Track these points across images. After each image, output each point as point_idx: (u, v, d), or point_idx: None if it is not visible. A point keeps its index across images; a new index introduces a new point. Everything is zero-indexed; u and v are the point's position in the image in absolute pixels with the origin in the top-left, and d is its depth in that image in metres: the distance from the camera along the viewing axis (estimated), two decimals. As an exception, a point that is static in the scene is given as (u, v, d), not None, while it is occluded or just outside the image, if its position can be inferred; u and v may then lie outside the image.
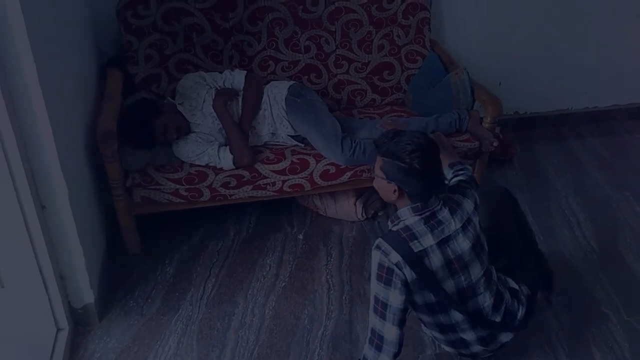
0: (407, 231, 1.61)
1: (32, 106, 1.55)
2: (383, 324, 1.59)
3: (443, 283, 1.63)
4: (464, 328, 1.74)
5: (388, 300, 1.57)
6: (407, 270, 1.57)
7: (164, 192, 2.21)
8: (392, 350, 1.59)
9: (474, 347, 1.80)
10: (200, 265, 2.29)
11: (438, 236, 1.62)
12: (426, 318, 1.77)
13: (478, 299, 1.71)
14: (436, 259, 1.61)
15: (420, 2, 2.72)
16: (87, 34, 2.34)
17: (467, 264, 1.66)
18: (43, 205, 1.71)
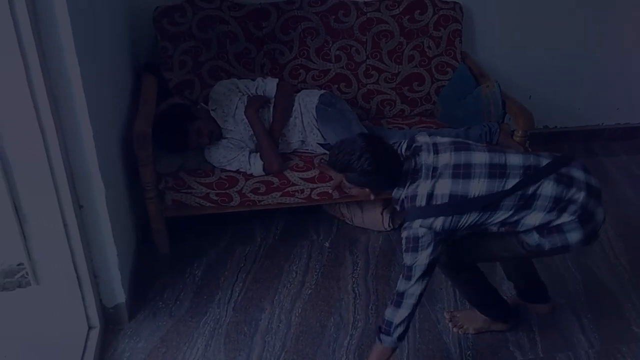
0: (425, 200, 1.62)
1: (75, 110, 1.59)
2: (407, 283, 1.65)
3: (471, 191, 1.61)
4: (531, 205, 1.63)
5: (424, 259, 1.62)
6: (448, 221, 1.60)
7: (195, 196, 2.24)
8: (411, 302, 1.65)
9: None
10: (228, 270, 2.31)
11: (447, 174, 1.62)
12: (494, 228, 1.70)
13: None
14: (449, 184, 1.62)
15: (452, 14, 2.73)
16: (124, 40, 2.40)
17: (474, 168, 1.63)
18: (81, 205, 1.75)
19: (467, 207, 1.61)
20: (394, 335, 1.69)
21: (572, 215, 1.63)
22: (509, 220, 1.65)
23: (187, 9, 2.52)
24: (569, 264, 2.41)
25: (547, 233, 1.65)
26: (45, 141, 1.57)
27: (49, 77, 1.53)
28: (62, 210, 1.69)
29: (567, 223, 1.63)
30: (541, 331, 2.09)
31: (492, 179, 1.61)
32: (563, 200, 1.62)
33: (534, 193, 1.62)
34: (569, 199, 1.63)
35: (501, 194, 1.60)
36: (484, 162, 1.63)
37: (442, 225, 1.61)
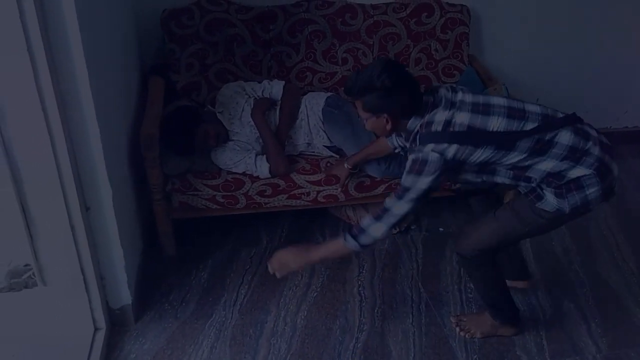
0: (442, 125, 1.59)
1: (83, 113, 1.60)
2: (397, 202, 1.64)
3: (490, 125, 1.59)
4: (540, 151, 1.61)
5: (424, 185, 1.60)
6: (462, 151, 1.58)
7: (201, 198, 2.24)
8: (391, 221, 1.65)
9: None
10: (234, 272, 2.31)
11: (466, 108, 1.60)
12: (504, 171, 1.67)
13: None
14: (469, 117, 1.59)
15: (459, 17, 2.73)
16: (131, 42, 2.41)
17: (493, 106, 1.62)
18: (88, 207, 1.76)
19: (483, 139, 1.58)
20: (359, 241, 1.71)
21: (589, 168, 1.59)
22: (520, 164, 1.62)
23: (195, 11, 2.52)
24: (576, 268, 2.40)
25: (566, 191, 1.61)
26: (53, 143, 1.57)
27: (57, 80, 1.53)
28: (69, 212, 1.70)
29: (587, 177, 1.59)
30: (548, 335, 2.07)
31: (511, 119, 1.59)
32: (579, 151, 1.60)
33: (551, 140, 1.59)
34: (585, 151, 1.60)
35: (520, 133, 1.58)
36: (503, 104, 1.62)
37: (455, 153, 1.57)
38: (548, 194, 1.64)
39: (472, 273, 1.94)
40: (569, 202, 1.62)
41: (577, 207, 1.63)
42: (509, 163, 1.62)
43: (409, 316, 2.13)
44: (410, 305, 2.18)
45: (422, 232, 2.58)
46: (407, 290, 2.24)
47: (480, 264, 1.86)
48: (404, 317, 2.13)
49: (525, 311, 2.16)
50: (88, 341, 1.87)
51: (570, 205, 1.62)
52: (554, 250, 2.50)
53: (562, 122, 1.63)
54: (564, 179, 1.61)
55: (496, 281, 1.92)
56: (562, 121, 1.64)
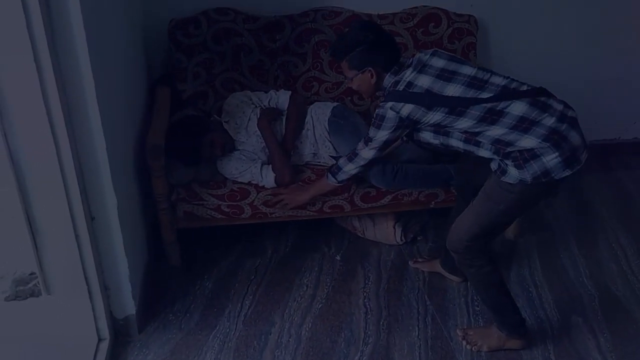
0: (404, 85, 1.77)
1: (89, 122, 1.60)
2: (364, 148, 1.92)
3: (446, 91, 1.73)
4: (488, 119, 1.69)
5: (383, 137, 1.84)
6: (416, 111, 1.74)
7: (206, 208, 2.24)
8: (360, 163, 1.97)
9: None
10: (238, 282, 2.30)
11: (432, 73, 1.76)
12: (457, 134, 1.76)
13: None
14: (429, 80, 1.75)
15: (466, 27, 2.72)
16: (138, 51, 2.42)
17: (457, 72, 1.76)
18: (93, 217, 1.76)
19: (437, 103, 1.72)
20: (338, 178, 2.08)
21: (538, 138, 1.64)
22: (471, 130, 1.72)
23: (202, 21, 2.53)
24: (584, 281, 2.37)
25: (524, 162, 1.66)
26: (59, 153, 1.58)
27: (64, 90, 1.54)
28: (74, 222, 1.70)
29: (539, 147, 1.65)
30: (556, 350, 2.04)
31: (469, 87, 1.72)
32: (528, 121, 1.66)
33: (502, 110, 1.68)
34: (535, 121, 1.66)
35: (471, 100, 1.70)
36: (468, 73, 1.75)
37: (409, 113, 1.75)
38: (510, 167, 1.68)
39: (469, 271, 1.93)
40: (529, 172, 1.66)
41: (538, 176, 1.66)
42: (460, 128, 1.73)
43: (415, 329, 2.11)
44: (417, 317, 2.16)
45: (428, 243, 2.56)
46: (413, 302, 2.22)
47: (473, 258, 1.87)
48: (410, 329, 2.11)
49: (532, 325, 2.13)
50: (92, 351, 1.87)
51: (530, 175, 1.66)
52: (563, 263, 2.47)
53: (520, 94, 1.70)
54: (512, 147, 1.67)
55: (494, 280, 1.92)
56: (522, 93, 1.71)
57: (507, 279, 2.36)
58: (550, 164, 1.65)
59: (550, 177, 1.67)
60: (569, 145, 1.67)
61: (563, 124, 1.68)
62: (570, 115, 1.74)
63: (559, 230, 2.68)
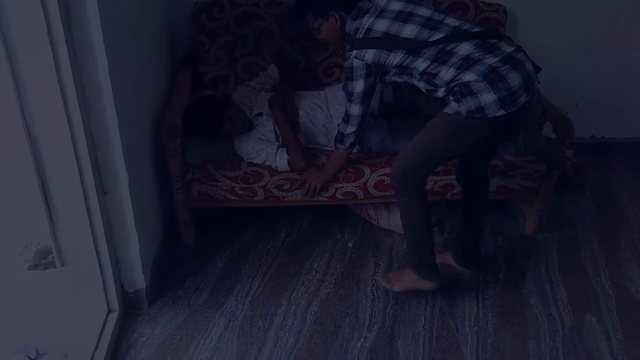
0: (363, 32, 1.87)
1: (102, 100, 1.63)
2: (351, 105, 1.99)
3: (403, 32, 1.82)
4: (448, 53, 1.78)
5: (360, 88, 1.91)
6: (378, 54, 1.84)
7: (220, 189, 2.27)
8: (356, 121, 2.04)
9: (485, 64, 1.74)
10: (249, 263, 2.33)
11: (389, 16, 1.85)
12: (418, 75, 1.85)
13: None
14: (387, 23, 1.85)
15: (495, 16, 2.65)
16: (163, 33, 2.46)
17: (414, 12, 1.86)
18: (105, 192, 1.81)
19: (395, 45, 1.81)
20: (345, 144, 2.13)
21: (476, 74, 1.72)
22: (429, 71, 1.81)
23: (226, 5, 2.55)
24: (603, 280, 2.30)
25: (461, 96, 1.74)
26: (72, 129, 1.62)
27: (77, 66, 1.58)
28: (85, 196, 1.75)
29: (475, 82, 1.72)
30: (566, 349, 2.00)
31: (423, 28, 1.81)
32: (472, 60, 1.74)
33: (451, 50, 1.77)
34: (478, 60, 1.74)
35: (424, 43, 1.79)
36: (424, 14, 1.84)
37: (372, 57, 1.84)
38: (451, 101, 1.79)
39: (400, 199, 2.01)
40: (465, 106, 1.74)
41: (472, 111, 1.74)
42: (420, 69, 1.82)
43: (421, 319, 2.10)
44: (424, 308, 2.15)
45: (443, 235, 2.53)
46: (421, 292, 2.20)
47: (407, 186, 1.95)
48: (416, 319, 2.09)
49: (542, 322, 2.09)
50: (100, 322, 1.93)
51: (465, 108, 1.74)
52: (582, 261, 2.40)
53: (470, 36, 1.79)
54: (455, 82, 1.77)
55: (419, 214, 1.99)
56: (472, 35, 1.80)
57: (522, 273, 2.32)
58: (485, 101, 1.72)
59: (483, 114, 1.73)
60: (506, 85, 1.71)
61: (505, 64, 1.73)
62: (518, 57, 1.77)
63: (582, 228, 2.61)
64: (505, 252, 2.45)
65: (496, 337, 2.03)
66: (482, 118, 1.74)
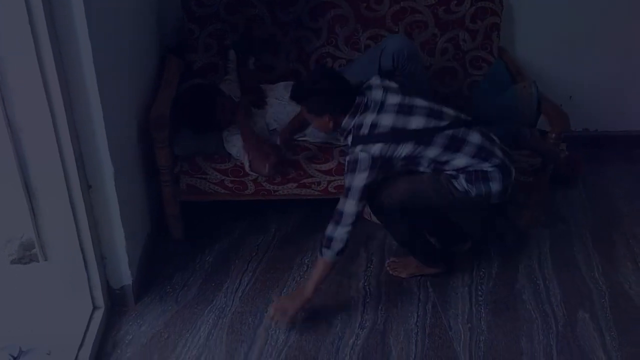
0: (369, 129, 1.82)
1: (86, 91, 1.58)
2: (345, 202, 1.83)
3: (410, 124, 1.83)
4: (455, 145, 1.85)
5: (360, 182, 1.81)
6: (386, 148, 1.80)
7: (209, 182, 2.21)
8: (349, 222, 1.84)
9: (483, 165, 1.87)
10: (239, 258, 2.28)
11: (392, 110, 1.84)
12: (426, 163, 1.88)
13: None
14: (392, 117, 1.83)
15: (491, 6, 2.60)
16: (150, 21, 2.38)
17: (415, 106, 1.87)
18: (90, 185, 1.75)
19: (404, 137, 1.81)
20: (333, 250, 1.87)
21: (494, 166, 1.86)
22: (439, 159, 1.85)
23: (216, -9, 2.48)
24: (596, 276, 2.28)
25: (475, 180, 1.86)
26: (54, 120, 1.56)
27: (60, 57, 1.51)
28: (69, 190, 1.69)
29: (492, 172, 1.86)
30: (559, 346, 1.98)
31: (429, 117, 1.84)
32: (485, 150, 1.86)
33: (463, 138, 1.85)
34: (491, 151, 1.88)
35: (435, 129, 1.82)
36: (424, 105, 1.87)
37: (380, 151, 1.80)
38: (461, 178, 1.87)
39: (387, 225, 2.09)
40: (476, 189, 1.87)
41: (481, 195, 1.88)
42: (429, 157, 1.85)
43: (414, 315, 2.06)
44: (417, 304, 2.11)
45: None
46: (414, 289, 2.17)
47: (392, 221, 2.02)
48: (409, 316, 2.06)
49: (536, 319, 2.07)
50: (85, 319, 1.87)
51: (476, 191, 1.87)
52: (575, 257, 2.38)
53: (472, 123, 1.90)
54: (474, 169, 1.86)
55: (408, 234, 2.07)
56: (473, 122, 1.91)
57: (515, 268, 2.30)
58: (494, 190, 1.88)
59: (488, 201, 1.92)
60: (511, 177, 1.92)
61: (506, 157, 1.92)
62: (506, 149, 1.96)
63: (575, 224, 2.58)
64: (498, 247, 2.42)
65: (489, 335, 2.00)
66: (483, 201, 1.91)
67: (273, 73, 2.59)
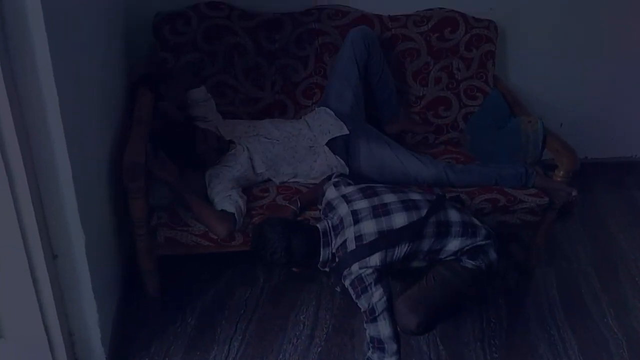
0: (354, 242, 1.65)
1: (51, 145, 1.31)
2: (376, 325, 1.64)
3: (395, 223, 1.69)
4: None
5: (381, 297, 1.63)
6: (383, 255, 1.64)
7: (192, 234, 1.95)
8: (394, 347, 1.65)
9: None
10: (226, 318, 2.03)
11: (368, 216, 1.68)
12: (421, 256, 1.75)
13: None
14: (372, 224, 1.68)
15: (485, 33, 2.46)
16: (118, 49, 2.11)
17: (390, 210, 1.71)
18: (55, 255, 1.47)
19: (396, 238, 1.66)
20: None
21: (485, 238, 1.78)
22: (434, 248, 1.72)
23: (192, 16, 2.24)
24: (609, 322, 2.15)
25: (476, 255, 1.76)
26: (12, 181, 1.28)
27: (19, 105, 1.24)
28: (30, 261, 1.41)
29: (487, 245, 1.78)
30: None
31: (409, 211, 1.71)
32: (470, 225, 1.76)
33: (446, 220, 1.73)
34: (473, 224, 1.78)
35: (421, 221, 1.69)
36: (396, 200, 1.73)
37: (380, 260, 1.63)
38: (465, 260, 1.76)
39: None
40: (483, 262, 1.77)
41: (488, 265, 1.79)
42: (425, 250, 1.72)
43: (425, 378, 1.87)
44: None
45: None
46: (423, 347, 1.97)
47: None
48: (421, 379, 1.86)
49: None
50: (50, 409, 1.58)
51: (484, 263, 1.77)
52: (585, 301, 2.25)
53: (443, 201, 1.80)
54: (470, 246, 1.75)
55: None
56: (443, 200, 1.81)
57: (526, 316, 2.15)
58: (493, 258, 1.79)
59: (493, 268, 1.81)
60: (497, 241, 1.84)
61: (482, 222, 1.85)
62: (471, 216, 1.86)
63: (577, 261, 2.47)
64: (505, 290, 2.26)
65: (509, 396, 1.83)
66: (489, 272, 1.81)
67: (257, 105, 2.36)
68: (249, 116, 2.34)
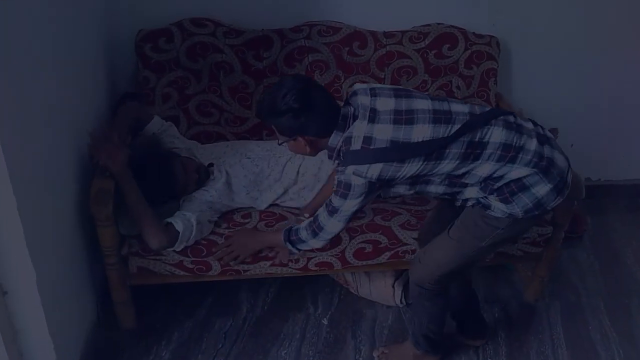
0: (361, 142, 1.44)
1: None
2: (330, 220, 1.58)
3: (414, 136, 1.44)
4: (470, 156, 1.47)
5: (352, 207, 1.54)
6: (386, 169, 1.44)
7: (165, 263, 1.85)
8: (326, 238, 1.63)
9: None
10: (203, 352, 1.91)
11: (387, 119, 1.44)
12: (438, 180, 1.53)
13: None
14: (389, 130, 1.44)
15: (487, 50, 2.33)
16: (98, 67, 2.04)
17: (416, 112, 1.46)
18: (5, 292, 1.37)
19: (409, 153, 1.43)
20: (298, 248, 1.73)
21: (527, 165, 1.47)
22: (454, 173, 1.49)
23: (175, 33, 2.15)
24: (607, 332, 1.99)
25: (510, 194, 1.49)
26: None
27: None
28: (-25, 299, 1.31)
29: (528, 176, 1.48)
30: None
31: (438, 124, 1.44)
32: (513, 148, 1.47)
33: (481, 140, 1.46)
34: (520, 147, 1.48)
35: (447, 139, 1.44)
36: (427, 108, 1.46)
37: (379, 174, 1.44)
38: (494, 202, 1.52)
39: (423, 304, 1.76)
40: (519, 205, 1.50)
41: (530, 209, 1.51)
42: (442, 173, 1.49)
43: None
44: (417, 406, 1.78)
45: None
46: (414, 386, 1.83)
47: (436, 294, 1.72)
48: None
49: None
50: None
51: (521, 208, 1.50)
52: (592, 338, 2.08)
53: (491, 115, 1.50)
54: (502, 180, 1.49)
55: (442, 314, 1.81)
56: (492, 113, 1.51)
57: (527, 354, 1.99)
58: (541, 193, 1.50)
59: (544, 209, 1.54)
60: (558, 169, 1.52)
61: (544, 145, 1.52)
62: (545, 134, 1.58)
63: (586, 293, 2.29)
64: (505, 324, 2.11)
65: None
66: (540, 214, 1.55)
67: (244, 126, 2.26)
68: (235, 136, 2.24)
